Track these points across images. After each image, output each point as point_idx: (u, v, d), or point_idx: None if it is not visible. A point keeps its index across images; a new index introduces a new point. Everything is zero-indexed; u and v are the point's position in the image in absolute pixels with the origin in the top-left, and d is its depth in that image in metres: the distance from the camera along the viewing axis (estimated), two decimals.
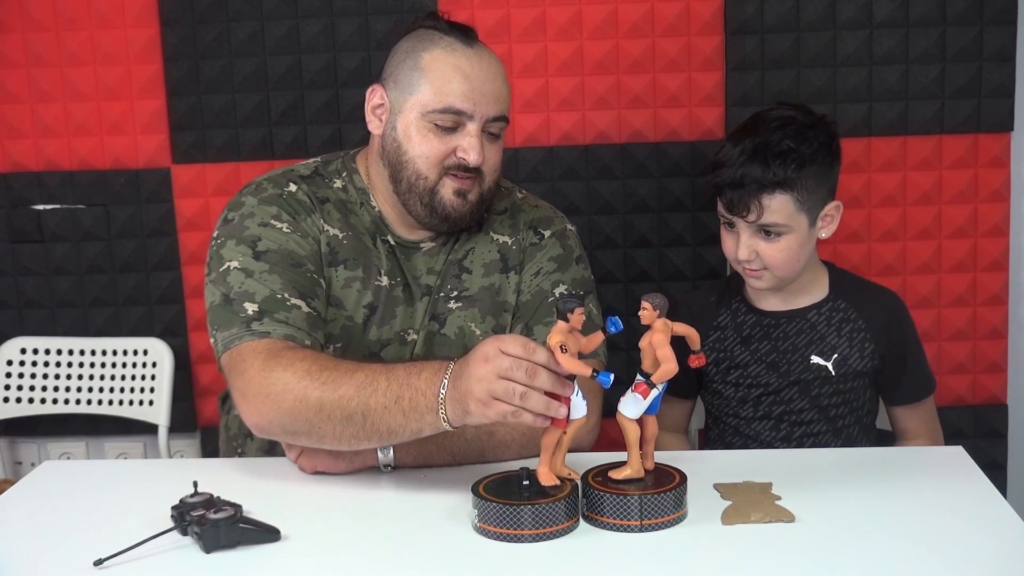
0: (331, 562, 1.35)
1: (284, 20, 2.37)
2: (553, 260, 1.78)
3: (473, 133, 1.63)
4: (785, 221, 1.77)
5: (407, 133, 1.65)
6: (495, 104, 1.64)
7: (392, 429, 1.45)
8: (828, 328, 1.86)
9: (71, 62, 2.41)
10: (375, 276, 1.71)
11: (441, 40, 1.64)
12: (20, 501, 1.59)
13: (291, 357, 1.52)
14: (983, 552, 1.32)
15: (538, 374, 1.32)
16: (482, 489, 1.40)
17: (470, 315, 1.74)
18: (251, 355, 1.55)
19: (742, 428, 1.90)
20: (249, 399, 1.53)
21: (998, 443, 2.45)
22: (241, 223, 1.67)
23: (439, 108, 1.62)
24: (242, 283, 1.61)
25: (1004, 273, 2.40)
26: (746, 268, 1.83)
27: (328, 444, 1.51)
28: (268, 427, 1.53)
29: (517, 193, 1.87)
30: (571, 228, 1.83)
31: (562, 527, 1.37)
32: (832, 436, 1.86)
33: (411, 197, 1.68)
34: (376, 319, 1.70)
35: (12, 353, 2.47)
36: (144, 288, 2.49)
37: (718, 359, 1.90)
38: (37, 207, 2.47)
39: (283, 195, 1.70)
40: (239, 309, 1.59)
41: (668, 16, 2.33)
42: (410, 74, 1.65)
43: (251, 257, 1.63)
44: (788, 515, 1.41)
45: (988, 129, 2.35)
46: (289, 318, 1.59)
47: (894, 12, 2.31)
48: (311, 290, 1.64)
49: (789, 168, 1.74)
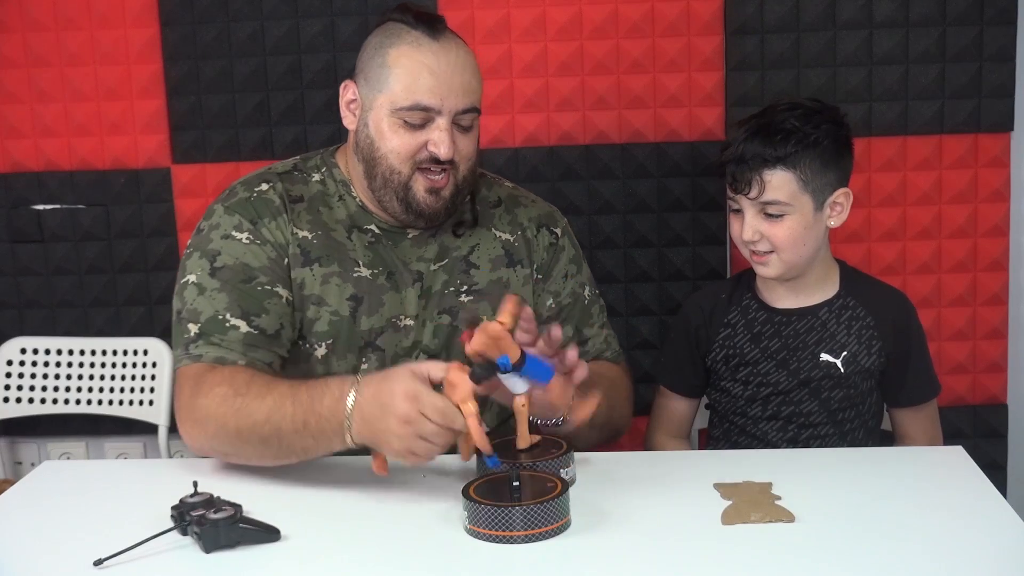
0: (331, 562, 1.35)
1: (284, 20, 2.37)
2: (572, 262, 1.86)
3: (443, 127, 1.64)
4: (787, 199, 1.78)
5: (379, 129, 1.67)
6: (464, 97, 1.65)
7: (307, 449, 1.53)
8: (838, 326, 1.86)
9: (71, 62, 2.41)
10: (352, 268, 1.72)
11: (408, 35, 1.65)
12: (20, 501, 1.59)
13: (211, 382, 1.58)
14: (983, 552, 1.32)
15: (452, 436, 1.41)
16: (472, 491, 1.40)
17: (481, 308, 1.76)
18: (183, 380, 1.64)
19: (749, 428, 1.90)
20: (182, 422, 1.63)
21: (998, 443, 2.45)
22: (207, 235, 1.72)
23: (407, 105, 1.63)
24: (194, 300, 1.67)
25: (1004, 273, 2.40)
26: (753, 254, 1.84)
27: (256, 463, 1.59)
28: (199, 449, 1.63)
29: (506, 183, 1.90)
30: (564, 220, 1.91)
31: (553, 527, 1.36)
32: (838, 440, 1.87)
33: (386, 193, 1.70)
34: (364, 309, 1.72)
35: (12, 353, 2.47)
36: (144, 288, 2.49)
37: (728, 356, 1.91)
38: (37, 207, 2.47)
39: (251, 198, 1.73)
40: (184, 330, 1.66)
41: (668, 16, 2.33)
42: (379, 71, 1.66)
43: (207, 273, 1.68)
44: (788, 515, 1.41)
45: (988, 129, 2.35)
46: (224, 340, 1.64)
47: (894, 12, 2.31)
48: (258, 305, 1.67)
49: (790, 144, 1.77)
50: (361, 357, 1.73)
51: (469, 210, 1.80)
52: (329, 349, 1.71)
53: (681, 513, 1.44)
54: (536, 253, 1.83)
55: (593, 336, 1.85)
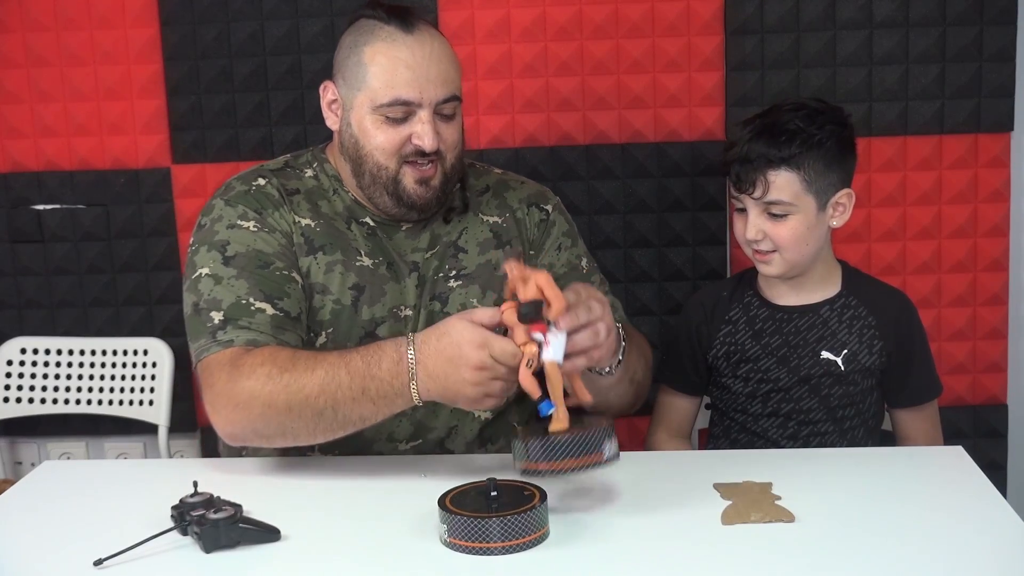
0: (331, 562, 1.35)
1: (284, 20, 2.37)
2: (566, 235, 1.85)
3: (425, 120, 1.64)
4: (790, 199, 1.78)
5: (362, 128, 1.67)
6: (443, 87, 1.65)
7: (364, 417, 1.52)
8: (839, 324, 1.86)
9: (71, 62, 2.41)
10: (355, 257, 1.72)
11: (381, 31, 1.65)
12: (20, 501, 1.59)
13: (251, 362, 1.55)
14: (983, 552, 1.32)
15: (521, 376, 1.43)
16: (449, 502, 1.37)
17: (471, 292, 1.76)
18: (216, 367, 1.59)
19: (749, 425, 1.90)
20: (219, 410, 1.58)
21: (998, 443, 2.45)
22: (211, 228, 1.70)
23: (387, 101, 1.64)
24: (211, 290, 1.65)
25: (1004, 273, 2.40)
26: (755, 252, 1.84)
27: (304, 440, 1.56)
28: (241, 434, 1.58)
29: (495, 171, 1.91)
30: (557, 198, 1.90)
31: (532, 538, 1.34)
32: (838, 437, 1.87)
33: (376, 189, 1.70)
34: (365, 298, 1.72)
35: (12, 353, 2.47)
36: (144, 288, 2.49)
37: (729, 352, 1.91)
38: (37, 207, 2.47)
39: (251, 191, 1.73)
40: (206, 319, 1.63)
41: (668, 16, 2.33)
42: (355, 70, 1.66)
43: (221, 263, 1.66)
44: (788, 515, 1.41)
45: (988, 129, 2.35)
46: (252, 323, 1.62)
47: (894, 12, 2.31)
48: (279, 289, 1.66)
49: (795, 145, 1.77)
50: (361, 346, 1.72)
51: (459, 197, 1.80)
52: (329, 338, 1.71)
53: (681, 513, 1.44)
54: (528, 231, 1.83)
55: None
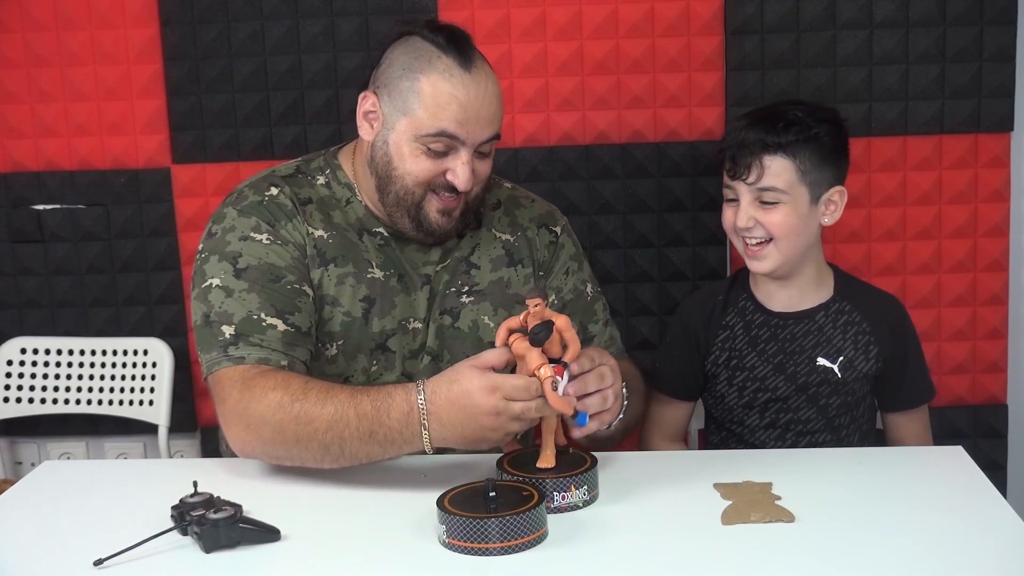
0: (331, 562, 1.35)
1: (284, 20, 2.37)
2: (573, 259, 1.87)
3: (464, 160, 1.64)
4: (784, 187, 1.79)
5: (399, 150, 1.66)
6: (489, 127, 1.65)
7: (371, 455, 1.52)
8: (834, 330, 1.86)
9: (71, 62, 2.41)
10: (367, 269, 1.72)
11: (439, 62, 1.62)
12: (20, 501, 1.59)
13: (264, 386, 1.55)
14: (983, 552, 1.32)
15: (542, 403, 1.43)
16: (447, 502, 1.37)
17: (482, 308, 1.77)
18: (228, 383, 1.59)
19: (746, 437, 1.90)
20: (230, 427, 1.59)
21: (998, 443, 2.45)
22: (223, 237, 1.69)
23: (432, 132, 1.62)
24: (222, 303, 1.64)
25: (1004, 273, 2.40)
26: (748, 246, 1.84)
27: (312, 465, 1.56)
28: (251, 454, 1.60)
29: (506, 184, 1.90)
30: (564, 218, 1.91)
31: (530, 539, 1.34)
32: (835, 445, 1.87)
33: (398, 211, 1.70)
34: (376, 311, 1.71)
35: (12, 353, 2.47)
36: (144, 288, 2.48)
37: (728, 358, 1.91)
38: (37, 207, 2.47)
39: (264, 202, 1.72)
40: (217, 332, 1.63)
41: (668, 16, 2.33)
42: (406, 94, 1.64)
43: (232, 275, 1.66)
44: (788, 515, 1.41)
45: (988, 129, 2.35)
46: (264, 340, 1.62)
47: (894, 12, 2.31)
48: (291, 304, 1.66)
49: (792, 132, 1.79)
50: (372, 359, 1.73)
51: None
52: (339, 349, 1.71)
53: (681, 513, 1.44)
54: (537, 252, 1.83)
55: (598, 332, 1.85)
